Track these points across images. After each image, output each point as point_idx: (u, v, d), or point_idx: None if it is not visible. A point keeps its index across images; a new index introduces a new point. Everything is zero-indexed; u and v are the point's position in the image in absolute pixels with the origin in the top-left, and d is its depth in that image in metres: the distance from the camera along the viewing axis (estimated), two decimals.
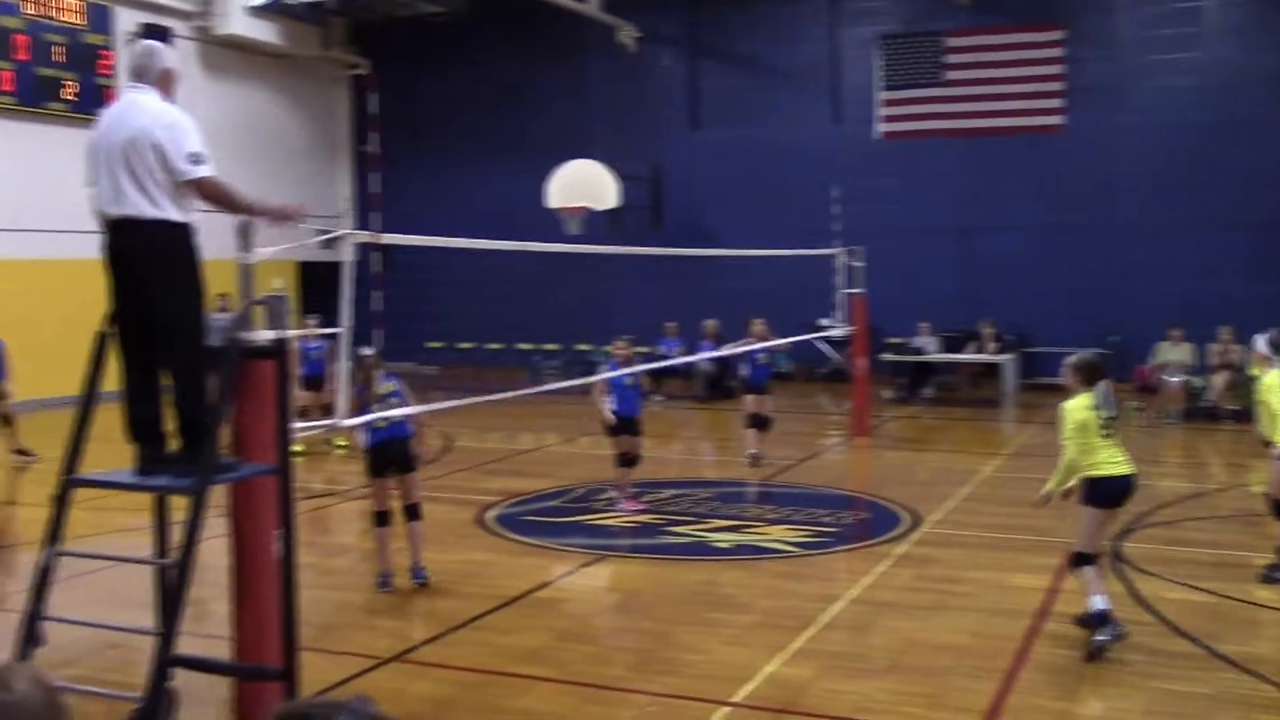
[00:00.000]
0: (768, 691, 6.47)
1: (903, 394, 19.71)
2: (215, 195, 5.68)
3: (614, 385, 10.99)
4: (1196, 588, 8.36)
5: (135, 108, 5.69)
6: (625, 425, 11.10)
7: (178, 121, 5.62)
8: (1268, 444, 8.66)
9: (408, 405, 8.56)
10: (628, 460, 11.21)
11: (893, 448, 15.75)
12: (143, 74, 5.83)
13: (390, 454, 8.56)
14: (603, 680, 6.71)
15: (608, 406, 10.97)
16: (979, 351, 19.57)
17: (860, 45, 22.11)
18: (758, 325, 14.10)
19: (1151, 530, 10.10)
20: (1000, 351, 19.47)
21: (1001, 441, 16.11)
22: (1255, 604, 8.03)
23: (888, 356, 19.97)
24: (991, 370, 19.78)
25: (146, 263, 5.63)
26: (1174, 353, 17.86)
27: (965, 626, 7.58)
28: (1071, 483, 7.36)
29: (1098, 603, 7.09)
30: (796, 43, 22.72)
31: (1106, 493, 7.25)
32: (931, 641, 7.30)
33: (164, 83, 5.82)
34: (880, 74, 21.81)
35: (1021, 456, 14.43)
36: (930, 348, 19.91)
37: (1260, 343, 8.89)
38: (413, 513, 8.74)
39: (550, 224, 20.69)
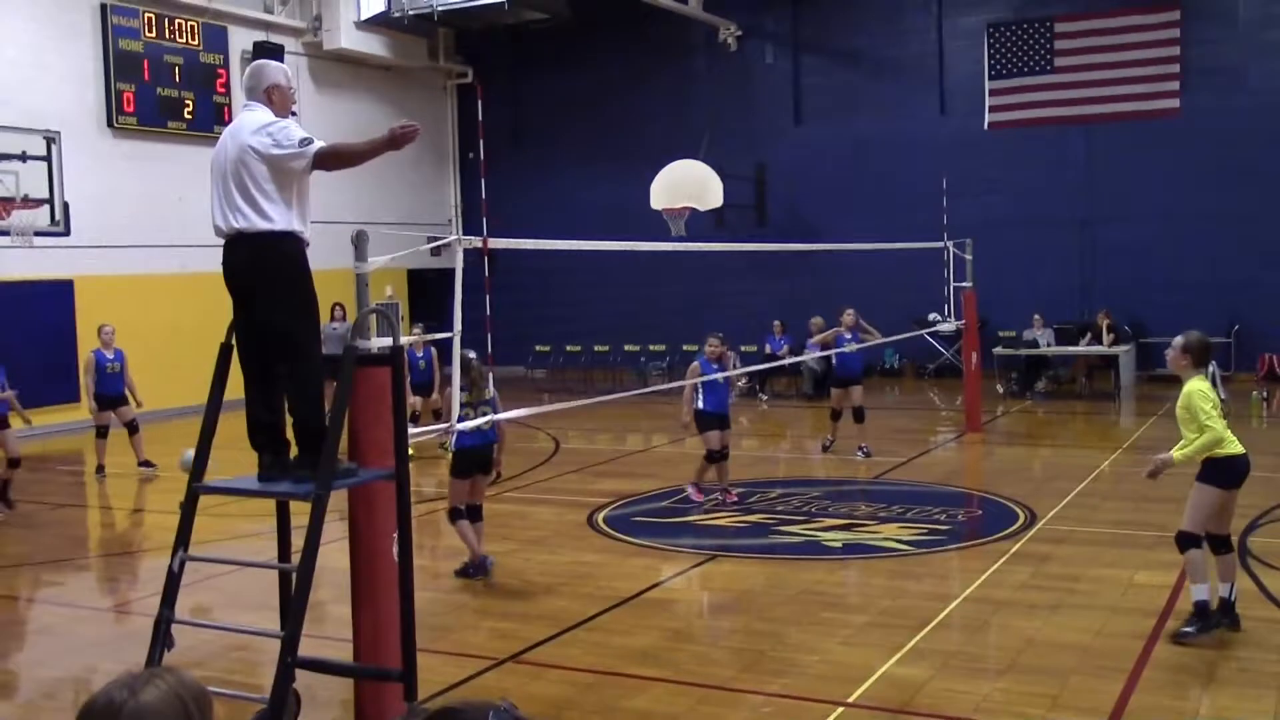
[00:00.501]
0: (883, 692, 6.41)
1: (1015, 388, 19.34)
2: (337, 160, 5.88)
3: (705, 382, 11.18)
4: None
5: (244, 124, 5.86)
6: (717, 420, 11.29)
7: (278, 124, 5.78)
8: None
9: (499, 412, 8.73)
10: (720, 455, 11.34)
11: (1006, 443, 15.48)
12: (252, 92, 6.01)
13: (479, 458, 8.88)
14: (716, 681, 6.71)
15: (693, 406, 11.25)
16: (1094, 344, 19.09)
17: (967, 35, 21.77)
18: (847, 315, 14.11)
19: (1277, 525, 9.76)
20: (1116, 343, 18.97)
21: (1119, 436, 15.70)
22: None
23: (999, 350, 19.62)
24: (1108, 363, 19.27)
25: (257, 275, 5.78)
26: None
27: (1086, 625, 7.42)
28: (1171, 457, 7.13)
29: (1199, 592, 7.01)
30: (901, 34, 22.46)
31: (1231, 471, 7.12)
32: (1051, 640, 7.16)
33: (272, 98, 5.98)
34: (988, 63, 21.43)
35: (1140, 450, 14.03)
36: (1043, 341, 19.50)
37: None
38: (478, 514, 9.07)
39: (656, 225, 20.74)
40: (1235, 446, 7.12)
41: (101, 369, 14.03)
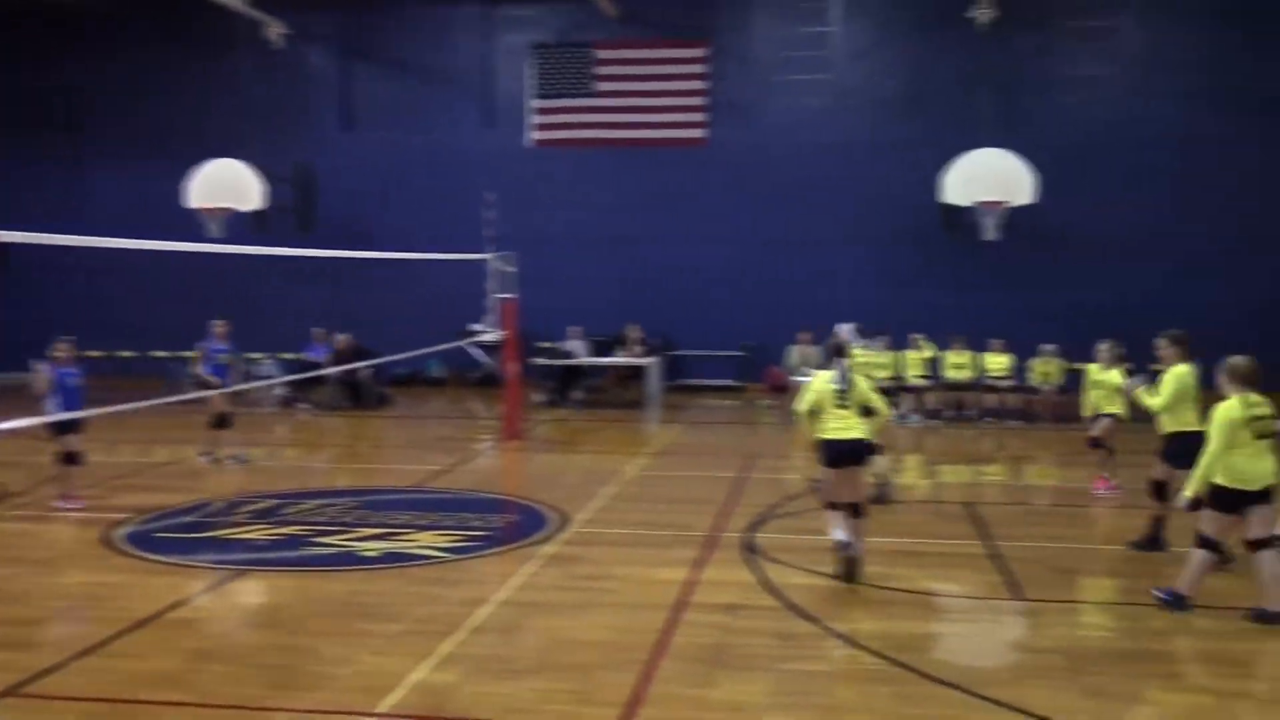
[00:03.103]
0: (414, 699, 6.42)
1: (553, 397, 20.05)
2: None
3: (61, 386, 11.24)
4: (817, 572, 8.97)
5: None
6: (70, 425, 11.26)
7: None
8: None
9: None
10: (71, 459, 11.40)
11: (543, 450, 16.00)
12: None
13: None
14: (242, 700, 6.44)
15: (51, 407, 11.18)
16: (626, 355, 20.18)
17: (513, 53, 22.36)
18: (219, 325, 14.36)
19: (780, 521, 10.74)
20: (645, 355, 20.16)
21: (646, 441, 16.68)
22: (866, 584, 8.69)
23: (538, 360, 20.26)
24: (637, 373, 20.46)
25: None
26: (803, 354, 19.07)
27: (610, 622, 7.80)
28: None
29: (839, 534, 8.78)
30: (449, 48, 22.70)
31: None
32: (578, 638, 7.47)
33: None
34: (533, 82, 22.11)
35: (665, 455, 15.02)
36: (580, 351, 20.35)
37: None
38: None
39: (193, 225, 19.71)
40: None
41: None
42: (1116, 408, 11.79)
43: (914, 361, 18.72)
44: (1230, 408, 7.74)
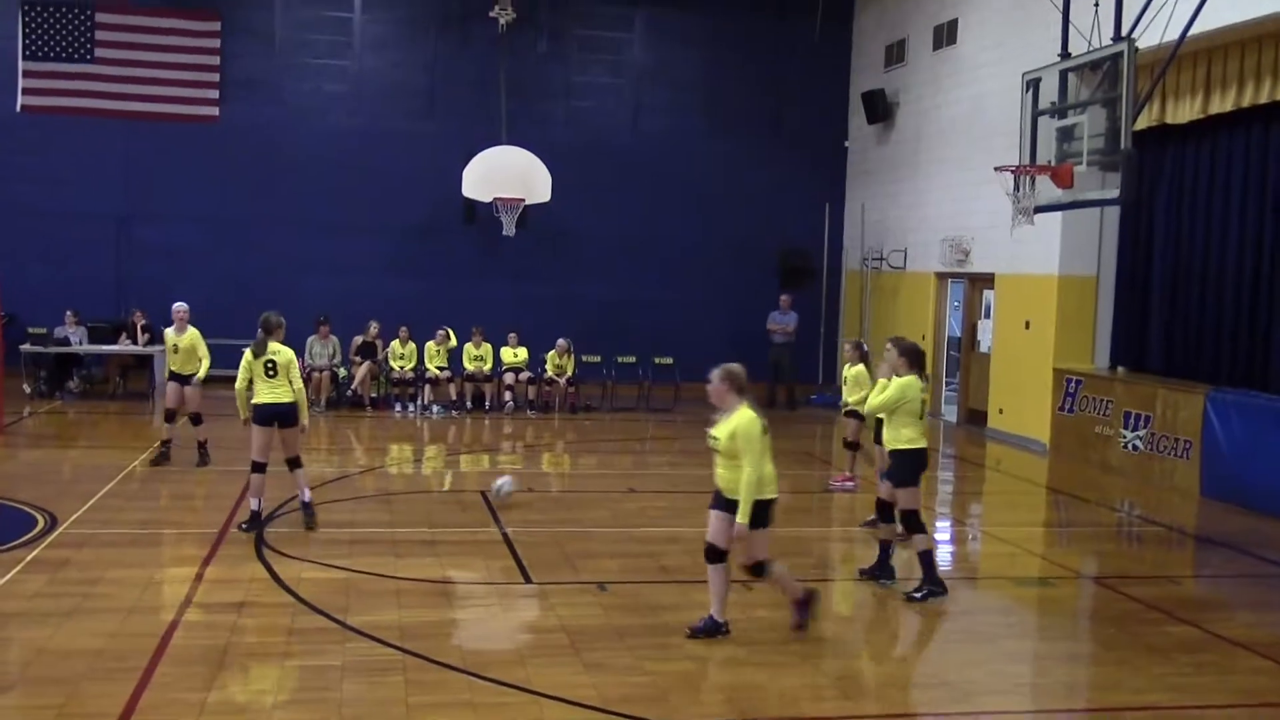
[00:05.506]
0: None
1: (44, 388, 18.37)
2: None
3: None
4: (331, 565, 8.85)
5: None
6: None
7: None
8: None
9: None
10: None
11: (31, 446, 14.60)
12: None
13: None
14: None
15: None
16: (129, 343, 18.83)
17: (1, 6, 20.17)
18: None
19: (294, 515, 10.45)
20: (151, 343, 18.92)
21: (152, 435, 15.65)
22: (382, 575, 8.68)
23: (27, 348, 18.45)
24: (142, 362, 19.18)
25: None
26: (322, 345, 18.71)
27: (102, 629, 7.26)
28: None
29: (255, 504, 9.99)
30: None
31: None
32: (63, 648, 6.89)
33: None
34: (23, 41, 20.08)
35: (173, 449, 14.16)
36: (76, 339, 18.75)
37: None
38: None
39: None
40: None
41: None
42: (858, 404, 11.67)
43: (435, 353, 18.89)
44: (752, 420, 7.25)
